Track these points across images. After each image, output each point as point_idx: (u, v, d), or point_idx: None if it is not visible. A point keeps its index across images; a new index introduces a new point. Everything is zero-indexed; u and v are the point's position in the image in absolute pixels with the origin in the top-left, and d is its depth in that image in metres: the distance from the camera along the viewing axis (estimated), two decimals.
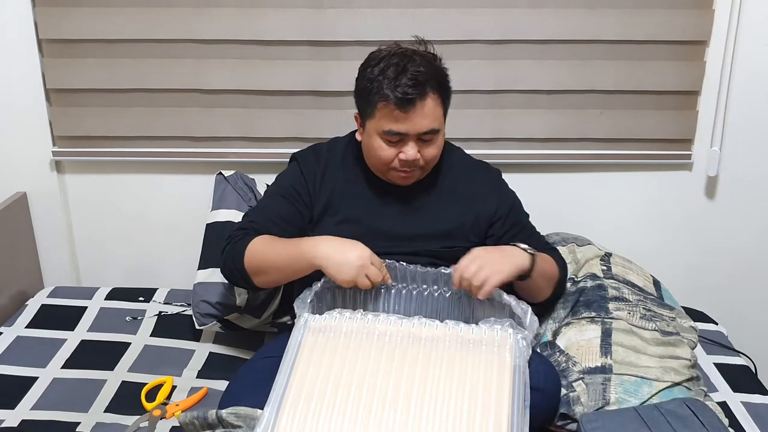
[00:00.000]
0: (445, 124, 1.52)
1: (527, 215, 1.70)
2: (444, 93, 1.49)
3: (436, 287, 1.51)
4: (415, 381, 1.22)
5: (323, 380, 1.22)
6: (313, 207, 1.57)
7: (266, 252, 1.47)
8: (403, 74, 1.42)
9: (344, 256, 1.38)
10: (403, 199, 1.58)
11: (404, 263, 1.49)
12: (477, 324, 1.32)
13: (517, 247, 1.48)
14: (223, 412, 1.33)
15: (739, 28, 1.90)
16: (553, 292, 1.63)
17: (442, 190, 1.61)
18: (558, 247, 1.85)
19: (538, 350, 1.61)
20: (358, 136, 1.57)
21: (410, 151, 1.46)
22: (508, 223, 1.63)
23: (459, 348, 1.27)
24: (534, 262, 1.48)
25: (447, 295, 1.50)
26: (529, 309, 1.37)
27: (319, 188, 1.57)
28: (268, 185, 1.77)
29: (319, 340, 1.29)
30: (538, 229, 1.72)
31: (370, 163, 1.56)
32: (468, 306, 1.49)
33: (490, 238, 1.63)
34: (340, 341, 1.28)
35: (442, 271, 1.49)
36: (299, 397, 1.20)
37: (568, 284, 1.73)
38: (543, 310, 1.69)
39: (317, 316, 1.34)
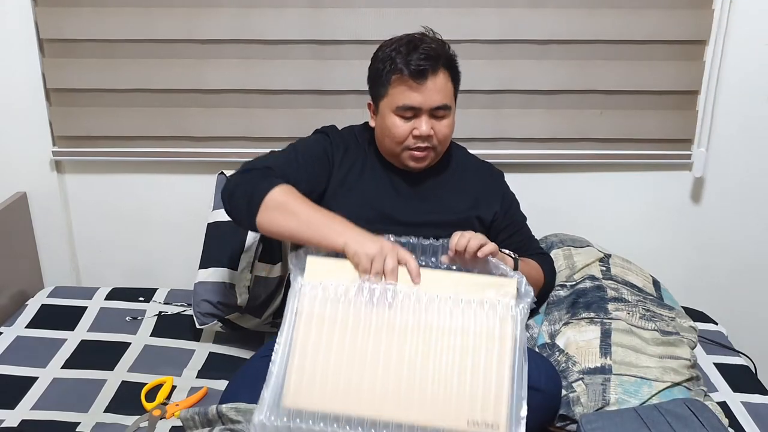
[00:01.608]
0: (455, 106, 1.55)
1: (524, 217, 1.73)
2: (454, 74, 1.53)
3: (434, 259, 1.46)
4: (418, 352, 1.21)
5: (325, 353, 1.22)
6: (330, 178, 1.57)
7: (290, 202, 1.39)
8: (414, 51, 1.47)
9: (371, 238, 1.31)
10: (413, 187, 1.60)
11: (405, 238, 1.44)
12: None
13: (502, 251, 1.51)
14: (224, 407, 1.35)
15: (738, 27, 1.90)
16: (537, 296, 1.63)
17: (450, 184, 1.63)
18: (555, 250, 1.86)
19: (536, 350, 1.61)
20: (371, 123, 1.59)
21: (423, 126, 1.49)
22: (506, 221, 1.67)
23: (461, 317, 1.25)
24: (516, 267, 1.52)
25: (443, 268, 1.44)
26: (524, 278, 1.34)
27: (340, 162, 1.58)
28: None
29: (316, 308, 1.27)
30: (534, 232, 1.74)
31: (384, 145, 1.56)
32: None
33: (489, 233, 1.64)
34: (339, 311, 1.26)
35: (441, 243, 1.44)
36: (302, 371, 1.21)
37: (562, 290, 1.73)
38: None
39: (313, 283, 1.30)
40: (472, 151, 1.74)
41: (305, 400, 1.19)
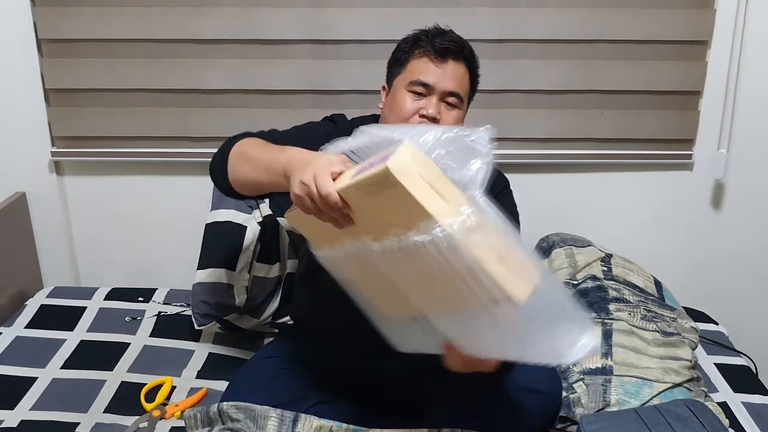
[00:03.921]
0: (467, 108, 1.53)
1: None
2: (473, 73, 1.51)
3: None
4: (405, 275, 1.06)
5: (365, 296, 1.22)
6: None
7: (254, 147, 1.31)
8: (441, 35, 1.47)
9: (311, 157, 1.09)
10: None
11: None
12: None
13: None
14: (224, 405, 1.37)
15: (738, 27, 1.90)
16: None
17: None
18: (556, 249, 1.85)
19: None
20: (380, 105, 1.55)
21: (432, 107, 1.44)
22: None
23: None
24: None
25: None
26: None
27: None
28: None
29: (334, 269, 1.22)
30: (535, 232, 1.70)
31: (387, 122, 1.51)
32: None
33: None
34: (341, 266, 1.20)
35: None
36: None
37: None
38: None
39: (316, 250, 1.21)
40: None
41: None
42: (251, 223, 1.77)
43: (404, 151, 0.92)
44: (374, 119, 1.62)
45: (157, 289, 2.04)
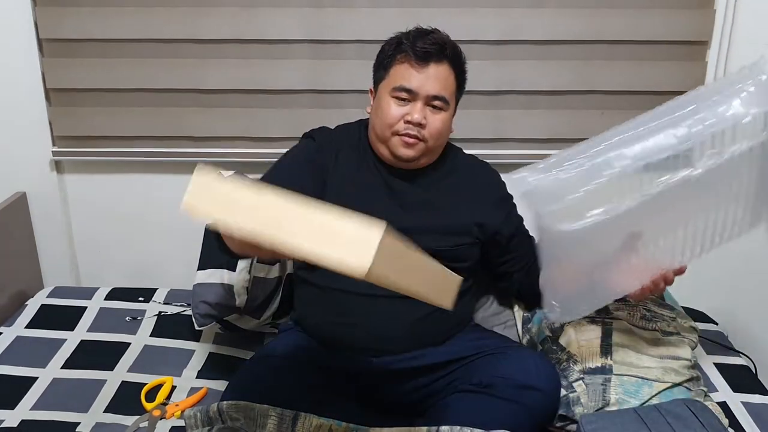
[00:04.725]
0: (455, 110, 1.53)
1: (521, 218, 1.67)
2: (459, 71, 1.50)
3: None
4: None
5: None
6: (325, 185, 1.52)
7: None
8: (423, 37, 1.47)
9: None
10: (410, 191, 1.56)
11: None
12: None
13: None
14: (224, 404, 1.37)
15: (741, 28, 1.90)
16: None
17: (448, 187, 1.59)
18: None
19: (539, 347, 1.61)
20: (368, 109, 1.56)
21: (417, 113, 1.45)
22: (511, 230, 1.62)
23: None
24: None
25: None
26: None
27: (333, 169, 1.54)
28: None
29: None
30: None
31: (374, 130, 1.51)
32: None
33: (494, 243, 1.62)
34: None
35: None
36: None
37: None
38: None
39: None
40: (471, 152, 1.73)
41: None
42: None
43: (193, 183, 0.94)
44: (360, 125, 1.62)
45: (157, 289, 2.04)
